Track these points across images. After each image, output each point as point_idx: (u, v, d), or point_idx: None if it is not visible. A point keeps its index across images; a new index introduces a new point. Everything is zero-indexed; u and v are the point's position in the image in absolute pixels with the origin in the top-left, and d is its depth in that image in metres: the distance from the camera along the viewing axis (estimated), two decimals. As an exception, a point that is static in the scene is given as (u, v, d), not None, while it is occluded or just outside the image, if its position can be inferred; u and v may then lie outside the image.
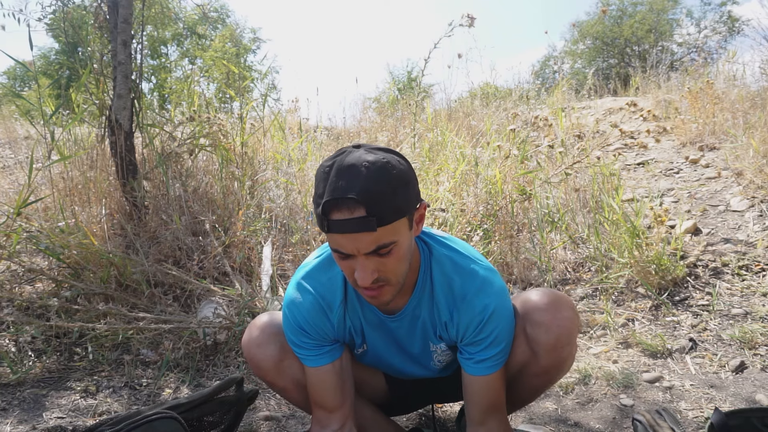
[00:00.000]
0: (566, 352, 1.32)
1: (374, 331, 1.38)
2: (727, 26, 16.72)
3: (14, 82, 17.29)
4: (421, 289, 1.28)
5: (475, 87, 6.16)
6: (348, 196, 1.01)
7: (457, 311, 1.26)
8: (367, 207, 1.02)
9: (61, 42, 7.94)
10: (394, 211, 1.06)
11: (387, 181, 1.05)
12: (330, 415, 1.36)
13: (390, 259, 1.10)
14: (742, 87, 5.03)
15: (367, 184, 1.02)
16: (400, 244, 1.10)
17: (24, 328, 2.31)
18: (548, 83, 8.36)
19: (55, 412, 1.90)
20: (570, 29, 18.08)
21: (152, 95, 8.70)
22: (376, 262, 1.09)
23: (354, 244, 1.06)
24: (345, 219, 1.03)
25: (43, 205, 2.97)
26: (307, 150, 4.21)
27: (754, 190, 3.40)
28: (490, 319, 1.24)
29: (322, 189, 1.05)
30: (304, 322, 1.30)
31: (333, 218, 1.04)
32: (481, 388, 1.31)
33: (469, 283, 1.25)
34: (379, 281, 1.12)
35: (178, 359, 2.26)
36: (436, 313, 1.30)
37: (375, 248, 1.07)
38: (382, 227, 1.04)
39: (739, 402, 1.92)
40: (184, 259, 2.85)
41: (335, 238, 1.07)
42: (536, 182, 3.54)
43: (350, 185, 1.02)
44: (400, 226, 1.09)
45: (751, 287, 2.68)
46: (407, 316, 1.31)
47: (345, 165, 1.04)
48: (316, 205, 1.07)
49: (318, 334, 1.32)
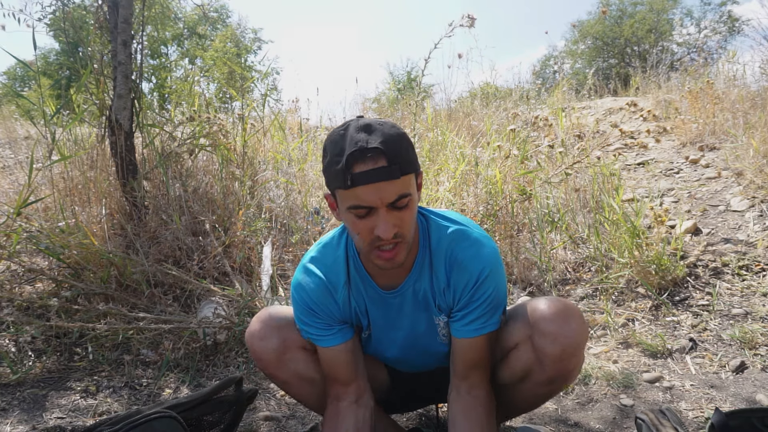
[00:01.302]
0: (572, 364, 1.31)
1: (379, 311, 1.39)
2: (727, 26, 16.73)
3: (15, 82, 17.31)
4: (421, 262, 1.32)
5: (476, 87, 6.17)
6: (371, 146, 1.07)
7: (454, 275, 1.30)
8: (389, 157, 1.08)
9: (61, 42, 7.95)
10: (409, 163, 1.14)
11: (401, 135, 1.14)
12: (345, 388, 1.39)
13: (406, 213, 1.15)
14: (742, 87, 5.03)
15: (386, 137, 1.10)
16: (413, 200, 1.16)
17: (24, 328, 2.31)
18: (548, 83, 8.36)
19: (55, 412, 1.90)
20: (570, 29, 18.08)
21: (152, 95, 8.70)
22: (395, 216, 1.14)
23: (378, 194, 1.09)
24: (369, 169, 1.08)
25: (44, 205, 2.98)
26: (308, 150, 4.21)
27: (755, 190, 3.40)
28: (484, 281, 1.28)
29: (339, 148, 1.10)
30: (312, 303, 1.34)
31: (357, 171, 1.08)
32: (469, 348, 1.33)
33: (465, 248, 1.29)
34: (396, 237, 1.16)
35: (178, 359, 2.26)
36: (435, 282, 1.32)
37: (396, 198, 1.11)
38: (401, 177, 1.11)
39: (740, 402, 1.92)
40: (184, 259, 2.85)
41: (358, 192, 1.10)
42: (536, 182, 3.54)
43: (371, 138, 1.09)
44: (412, 182, 1.17)
45: (751, 287, 2.68)
46: (409, 289, 1.34)
47: (361, 124, 1.12)
48: (335, 164, 1.10)
49: (326, 315, 1.35)
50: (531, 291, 2.94)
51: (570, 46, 17.88)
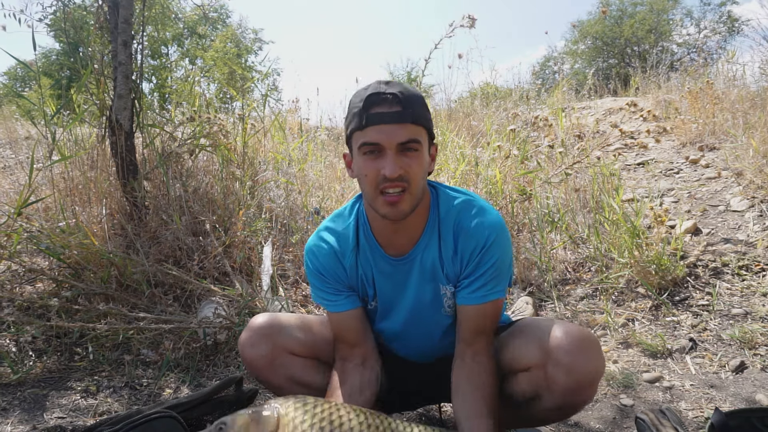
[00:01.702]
0: (585, 396, 1.28)
1: (386, 280, 1.42)
2: (727, 26, 16.73)
3: (15, 83, 17.31)
4: (430, 231, 1.37)
5: (476, 87, 6.18)
6: (389, 92, 1.21)
7: (461, 242, 1.34)
8: (403, 104, 1.21)
9: (61, 42, 7.95)
10: (423, 116, 1.25)
11: (418, 95, 1.27)
12: (352, 350, 1.44)
13: (414, 160, 1.23)
14: (741, 87, 5.03)
15: (404, 89, 1.23)
16: (422, 153, 1.25)
17: (24, 328, 2.31)
18: (548, 83, 8.36)
19: (55, 412, 1.91)
20: (570, 29, 18.08)
21: (153, 95, 8.70)
22: (403, 160, 1.22)
23: (388, 135, 1.20)
24: (384, 111, 1.20)
25: (44, 206, 2.98)
26: (308, 150, 4.21)
27: (754, 190, 3.40)
28: (490, 247, 1.31)
29: (360, 96, 1.24)
30: (321, 268, 1.42)
31: (372, 111, 1.21)
32: (475, 314, 1.34)
33: (472, 216, 1.34)
34: (402, 181, 1.22)
35: (178, 359, 2.26)
36: (444, 249, 1.36)
37: (406, 140, 1.21)
38: (413, 124, 1.22)
39: (739, 402, 1.92)
40: (185, 259, 2.85)
41: (370, 132, 1.21)
42: (536, 182, 3.54)
43: (389, 87, 1.23)
44: (424, 137, 1.26)
45: (751, 287, 2.68)
46: (417, 258, 1.38)
47: (383, 80, 1.26)
48: (354, 108, 1.24)
49: (334, 280, 1.42)
50: (531, 291, 2.94)
51: (570, 47, 17.89)
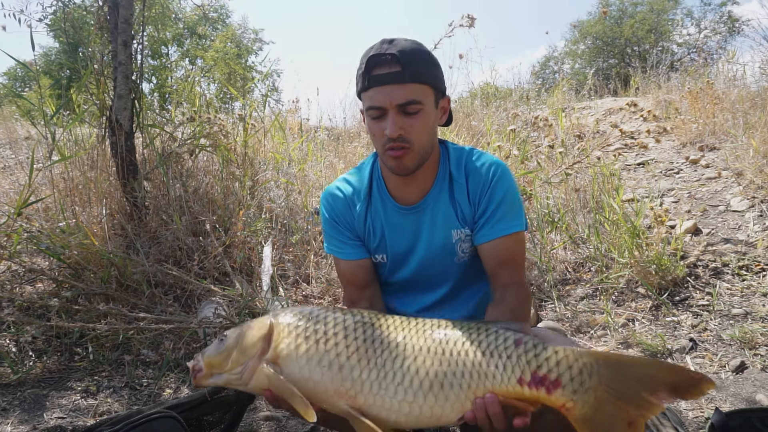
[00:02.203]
0: None
1: (396, 233, 1.45)
2: (727, 26, 16.73)
3: (15, 83, 17.31)
4: (441, 179, 1.43)
5: (476, 87, 6.18)
6: (388, 52, 1.25)
7: (471, 181, 1.42)
8: (402, 64, 1.24)
9: (61, 42, 7.94)
10: (424, 75, 1.28)
11: (422, 51, 1.30)
12: (360, 293, 1.49)
13: (415, 121, 1.28)
14: (742, 87, 5.03)
15: (404, 48, 1.26)
16: (425, 111, 1.29)
17: (25, 328, 2.31)
18: (548, 83, 8.36)
19: (55, 412, 1.91)
20: (570, 30, 18.08)
21: (153, 96, 8.70)
22: (404, 121, 1.27)
23: (388, 96, 1.25)
24: (383, 73, 1.25)
25: (44, 206, 2.98)
26: (308, 150, 4.21)
27: (754, 190, 3.40)
28: (497, 181, 1.39)
29: (365, 56, 1.29)
30: (335, 214, 1.48)
31: (373, 73, 1.26)
32: (500, 248, 1.37)
33: (477, 158, 1.44)
34: (404, 141, 1.28)
35: (178, 359, 2.26)
36: (458, 191, 1.42)
37: (405, 102, 1.25)
38: (413, 84, 1.26)
39: (740, 402, 1.92)
40: (185, 259, 2.85)
41: (371, 93, 1.27)
42: (536, 182, 3.54)
43: (390, 47, 1.26)
44: (428, 95, 1.30)
45: (751, 287, 2.68)
46: (428, 207, 1.43)
47: (388, 38, 1.30)
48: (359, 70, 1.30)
49: (346, 227, 1.48)
50: (531, 291, 2.94)
51: (570, 47, 17.89)
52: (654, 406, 0.97)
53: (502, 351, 1.06)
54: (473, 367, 1.06)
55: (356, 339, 1.11)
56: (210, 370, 1.14)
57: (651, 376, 0.97)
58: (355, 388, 1.08)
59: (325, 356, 1.09)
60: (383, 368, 1.08)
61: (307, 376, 1.09)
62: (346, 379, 1.08)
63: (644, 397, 0.97)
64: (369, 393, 1.08)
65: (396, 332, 1.12)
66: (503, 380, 1.04)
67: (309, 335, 1.11)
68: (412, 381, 1.07)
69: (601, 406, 0.99)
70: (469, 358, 1.06)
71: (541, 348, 1.05)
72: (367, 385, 1.08)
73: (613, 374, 0.99)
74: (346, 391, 1.08)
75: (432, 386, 1.06)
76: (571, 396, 1.00)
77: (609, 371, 0.99)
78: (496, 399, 1.03)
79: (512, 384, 1.04)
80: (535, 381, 1.03)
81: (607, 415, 0.99)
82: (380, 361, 1.09)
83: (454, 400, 1.06)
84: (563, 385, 1.01)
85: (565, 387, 1.01)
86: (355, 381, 1.08)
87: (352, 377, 1.08)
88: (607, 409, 0.98)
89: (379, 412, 1.08)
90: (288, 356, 1.10)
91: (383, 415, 1.09)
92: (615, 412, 0.98)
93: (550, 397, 1.02)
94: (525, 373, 1.03)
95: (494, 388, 1.05)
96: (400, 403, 1.07)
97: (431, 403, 1.06)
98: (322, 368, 1.09)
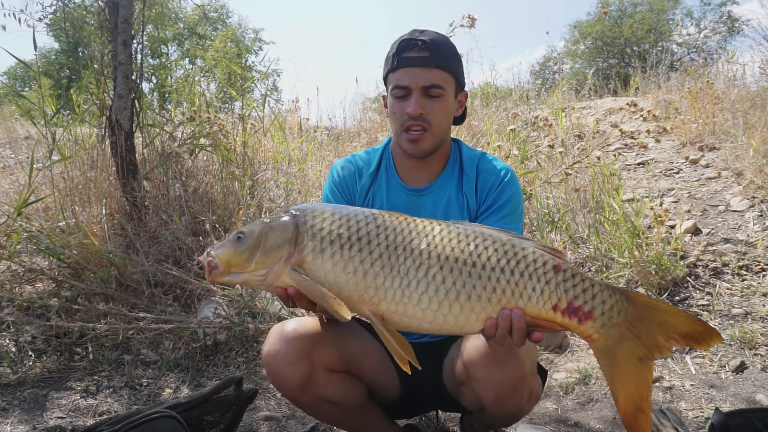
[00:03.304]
0: (512, 405, 1.28)
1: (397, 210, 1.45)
2: (727, 26, 16.73)
3: (15, 82, 17.30)
4: (451, 169, 1.49)
5: (476, 87, 6.16)
6: (420, 39, 1.35)
7: (481, 179, 1.47)
8: (431, 50, 1.35)
9: (61, 42, 7.94)
10: (449, 64, 1.38)
11: (450, 44, 1.41)
12: None
13: (436, 104, 1.37)
14: (741, 87, 5.03)
15: (434, 37, 1.37)
16: (446, 98, 1.39)
17: (24, 328, 2.31)
18: (548, 83, 8.36)
19: (55, 412, 1.90)
20: (570, 30, 18.08)
21: (152, 95, 8.70)
22: (426, 102, 1.36)
23: (414, 77, 1.35)
24: (413, 56, 1.36)
25: (44, 205, 2.98)
26: (307, 150, 4.21)
27: (754, 190, 3.40)
28: (507, 183, 1.44)
29: (398, 41, 1.38)
30: (340, 181, 1.52)
31: (403, 56, 1.36)
32: None
33: (489, 161, 1.51)
34: (424, 121, 1.37)
35: (178, 359, 2.26)
36: (466, 183, 1.47)
37: (429, 84, 1.35)
38: (438, 70, 1.36)
39: (740, 402, 1.92)
40: (185, 259, 2.85)
41: (399, 74, 1.37)
42: (536, 182, 3.54)
43: (423, 35, 1.37)
44: (450, 83, 1.39)
45: (751, 287, 2.68)
46: (434, 192, 1.48)
47: (420, 29, 1.41)
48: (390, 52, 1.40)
49: (345, 196, 1.51)
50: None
51: (570, 47, 17.88)
52: (665, 349, 1.06)
53: (541, 275, 1.07)
54: (507, 285, 1.07)
55: (379, 245, 1.10)
56: (227, 268, 1.12)
57: (670, 323, 1.06)
58: (379, 296, 1.08)
59: (350, 263, 1.08)
60: (406, 276, 1.08)
61: (332, 282, 1.09)
62: (369, 287, 1.08)
63: (659, 340, 1.06)
64: (392, 300, 1.08)
65: (420, 239, 1.10)
66: (538, 304, 1.07)
67: (334, 239, 1.10)
68: (438, 290, 1.06)
69: (622, 341, 1.07)
70: (505, 276, 1.07)
71: (579, 278, 1.08)
72: (390, 293, 1.08)
73: (638, 314, 1.07)
74: (370, 298, 1.08)
75: (459, 297, 1.06)
76: (599, 329, 1.07)
77: (636, 311, 1.07)
78: (524, 315, 1.07)
79: (546, 309, 1.07)
80: (570, 310, 1.07)
81: (624, 350, 1.07)
82: (403, 269, 1.08)
83: (480, 311, 1.07)
84: (595, 317, 1.07)
85: (596, 320, 1.07)
86: (379, 288, 1.08)
87: (376, 284, 1.08)
88: (625, 345, 1.07)
89: (401, 319, 1.09)
90: (313, 261, 1.10)
91: (405, 322, 1.09)
92: (632, 348, 1.07)
93: (579, 327, 1.07)
94: (561, 301, 1.07)
95: (525, 308, 1.07)
96: (423, 311, 1.07)
97: (456, 312, 1.07)
98: (347, 275, 1.08)
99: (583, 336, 1.09)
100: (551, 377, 2.19)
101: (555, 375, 2.24)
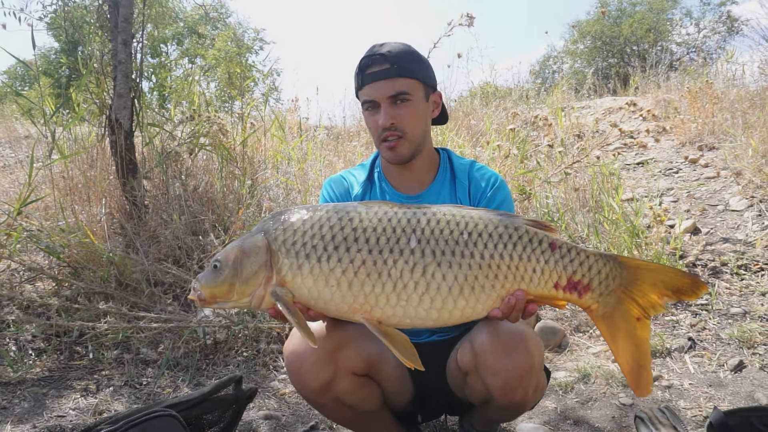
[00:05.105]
0: (519, 395, 1.28)
1: None
2: (726, 26, 16.71)
3: (15, 81, 17.28)
4: (442, 177, 1.53)
5: (475, 86, 6.17)
6: (378, 53, 1.40)
7: (473, 186, 1.51)
8: (390, 62, 1.39)
9: (61, 41, 7.94)
10: (410, 70, 1.41)
11: (409, 50, 1.44)
12: None
13: (405, 111, 1.40)
14: (741, 87, 5.04)
15: (392, 48, 1.41)
16: (415, 103, 1.42)
17: (24, 327, 2.31)
18: (548, 83, 8.36)
19: (55, 410, 1.91)
20: (569, 29, 18.07)
21: (152, 94, 8.69)
22: (395, 111, 1.40)
23: (378, 90, 1.40)
24: (374, 71, 1.40)
25: (44, 204, 2.98)
26: (307, 149, 4.21)
27: (753, 189, 3.40)
28: (499, 188, 1.49)
29: (361, 59, 1.43)
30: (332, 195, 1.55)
31: (366, 73, 1.41)
32: None
33: (479, 168, 1.55)
34: (396, 130, 1.41)
35: (177, 358, 2.27)
36: (459, 189, 1.51)
37: (394, 93, 1.39)
38: (400, 78, 1.39)
39: (738, 401, 1.92)
40: (184, 258, 2.85)
41: (366, 90, 1.42)
42: (536, 182, 3.54)
43: (381, 49, 1.41)
44: (416, 88, 1.42)
45: (749, 286, 2.68)
46: (430, 196, 1.51)
47: (380, 42, 1.45)
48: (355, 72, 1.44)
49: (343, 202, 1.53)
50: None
51: (569, 46, 17.86)
52: (659, 306, 1.12)
53: (539, 255, 1.09)
54: (508, 270, 1.08)
55: (360, 251, 1.04)
56: (213, 299, 1.11)
57: (661, 280, 1.12)
58: (369, 303, 1.04)
59: (331, 276, 1.04)
60: (400, 279, 1.03)
61: (317, 296, 1.06)
62: (357, 296, 1.04)
63: (653, 298, 1.12)
64: (386, 305, 1.04)
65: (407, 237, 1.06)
66: (539, 284, 1.09)
67: (309, 253, 1.05)
68: (440, 289, 1.04)
69: (618, 304, 1.12)
70: (504, 262, 1.07)
71: (575, 253, 1.11)
72: (383, 299, 1.04)
73: (631, 277, 1.12)
74: (360, 306, 1.05)
75: (462, 290, 1.06)
76: (597, 298, 1.12)
77: (629, 275, 1.12)
78: (525, 295, 1.10)
79: (548, 288, 1.10)
80: (570, 286, 1.11)
81: (622, 313, 1.12)
82: (395, 272, 1.03)
83: (486, 299, 1.08)
84: (593, 288, 1.11)
85: (594, 290, 1.11)
86: (368, 296, 1.04)
87: (364, 293, 1.03)
88: (622, 308, 1.12)
89: (401, 321, 1.06)
90: (293, 280, 1.06)
91: (407, 323, 1.07)
92: (628, 310, 1.12)
93: (580, 300, 1.12)
94: (561, 278, 1.10)
95: (528, 289, 1.10)
96: (427, 311, 1.05)
97: (462, 306, 1.07)
98: (331, 288, 1.04)
99: (582, 307, 1.13)
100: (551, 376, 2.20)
101: (555, 374, 2.24)
